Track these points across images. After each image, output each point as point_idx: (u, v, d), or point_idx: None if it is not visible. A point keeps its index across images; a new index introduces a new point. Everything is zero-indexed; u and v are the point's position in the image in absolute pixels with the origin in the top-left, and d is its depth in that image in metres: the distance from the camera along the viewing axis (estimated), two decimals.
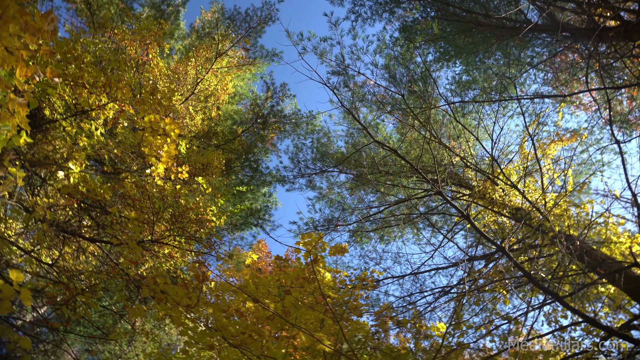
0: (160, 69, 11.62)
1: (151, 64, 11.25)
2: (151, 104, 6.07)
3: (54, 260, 6.83)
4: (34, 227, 5.70)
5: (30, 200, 5.28)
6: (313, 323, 6.54)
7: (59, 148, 5.20)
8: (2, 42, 2.94)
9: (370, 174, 10.05)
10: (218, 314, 5.62)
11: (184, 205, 6.57)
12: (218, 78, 12.61)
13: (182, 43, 14.40)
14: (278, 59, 13.21)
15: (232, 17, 12.81)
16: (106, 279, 6.79)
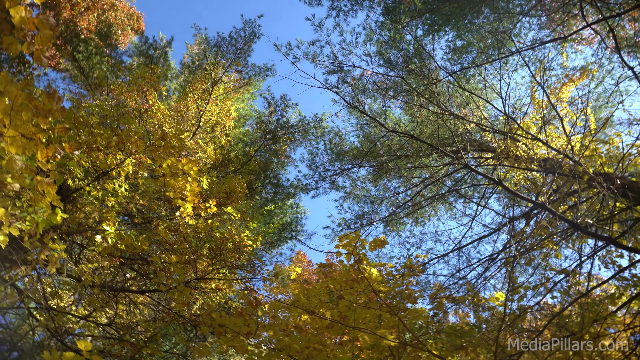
0: (162, 112, 11.82)
1: (153, 109, 11.46)
2: (164, 149, 6.18)
3: (110, 320, 7.01)
4: (85, 292, 5.88)
5: (76, 269, 5.45)
6: (371, 321, 6.55)
7: (90, 213, 5.36)
8: (19, 131, 3.06)
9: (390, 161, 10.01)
10: (278, 334, 5.69)
11: (219, 238, 6.68)
12: (219, 106, 12.76)
13: (176, 81, 14.63)
14: (272, 72, 13.30)
15: (218, 44, 12.96)
16: (163, 326, 6.93)
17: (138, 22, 18.09)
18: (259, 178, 12.96)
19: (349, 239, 6.90)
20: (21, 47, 2.98)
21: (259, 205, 12.86)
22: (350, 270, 7.19)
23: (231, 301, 7.40)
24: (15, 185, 3.29)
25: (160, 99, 12.74)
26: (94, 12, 15.41)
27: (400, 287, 7.08)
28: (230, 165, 12.86)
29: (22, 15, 2.87)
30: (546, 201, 4.13)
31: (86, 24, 14.83)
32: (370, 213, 12.43)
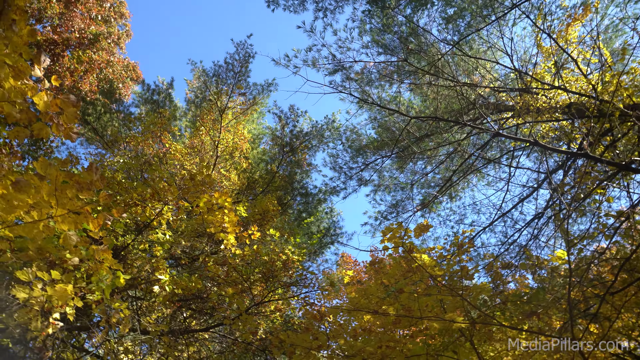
0: (180, 151, 12.02)
1: (171, 151, 11.67)
2: (195, 188, 6.30)
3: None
4: (155, 343, 6.03)
5: (143, 322, 5.60)
6: (434, 306, 6.50)
7: (142, 266, 5.50)
8: (66, 208, 3.17)
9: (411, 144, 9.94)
10: (349, 340, 5.72)
11: (268, 261, 6.75)
12: (232, 132, 12.90)
13: (185, 119, 14.87)
14: (274, 87, 13.39)
15: (217, 73, 13.13)
16: (233, 357, 7.03)
17: (135, 72, 18.47)
18: (287, 192, 13.05)
19: (392, 231, 6.88)
20: (50, 129, 3.10)
21: (293, 218, 12.94)
22: (401, 261, 7.17)
23: (292, 318, 7.47)
24: (74, 260, 3.41)
25: (174, 140, 12.98)
26: (92, 73, 15.81)
27: (454, 267, 7.02)
28: (256, 186, 12.98)
29: (45, 100, 2.98)
30: (587, 148, 4.03)
31: (88, 86, 15.23)
32: (403, 200, 12.37)
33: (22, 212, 3.31)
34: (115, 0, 17.85)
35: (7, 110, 3.14)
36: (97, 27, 16.48)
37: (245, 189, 12.93)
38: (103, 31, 16.81)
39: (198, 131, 13.05)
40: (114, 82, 16.54)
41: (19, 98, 3.06)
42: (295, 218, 13.00)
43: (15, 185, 3.06)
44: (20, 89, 3.00)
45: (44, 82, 2.96)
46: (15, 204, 3.24)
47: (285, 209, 12.41)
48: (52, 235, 3.39)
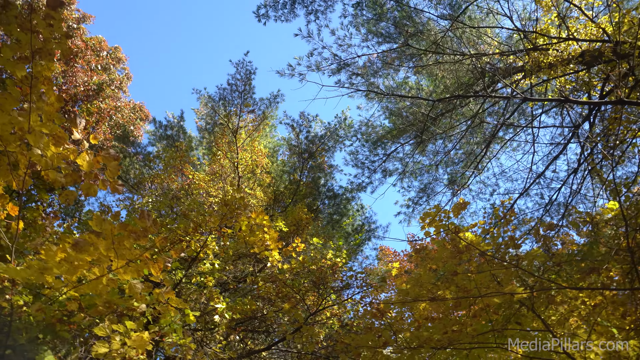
0: (202, 179, 12.18)
1: (194, 181, 11.84)
2: (231, 213, 6.38)
3: None
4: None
5: (210, 352, 5.70)
6: (490, 281, 6.44)
7: (197, 299, 5.60)
8: (126, 258, 3.26)
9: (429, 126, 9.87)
10: (413, 332, 5.71)
11: (316, 269, 6.80)
12: (249, 150, 13.03)
13: (201, 147, 15.07)
14: (281, 98, 13.46)
15: (222, 96, 13.27)
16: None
17: (142, 111, 18.82)
18: (314, 198, 13.10)
19: (431, 215, 6.87)
20: (97, 186, 3.19)
21: (325, 222, 12.98)
22: (446, 244, 7.12)
23: (350, 321, 7.49)
24: (142, 307, 3.50)
25: (195, 169, 13.16)
26: (103, 122, 16.17)
27: (499, 239, 6.94)
28: (283, 198, 13.07)
29: (88, 160, 3.07)
30: (620, 94, 3.95)
31: (102, 135, 15.58)
32: (430, 183, 12.30)
33: (84, 270, 3.42)
34: (110, 48, 18.22)
35: (52, 177, 3.25)
36: (98, 76, 16.85)
37: (273, 203, 13.03)
38: (105, 79, 17.18)
39: (216, 156, 13.21)
40: (125, 126, 16.87)
41: (62, 163, 3.17)
42: (327, 222, 13.04)
43: (75, 246, 3.16)
44: (62, 154, 3.10)
45: (84, 144, 3.06)
46: (76, 264, 3.35)
47: (316, 215, 12.46)
48: (117, 286, 3.49)
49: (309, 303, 7.14)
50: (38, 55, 2.99)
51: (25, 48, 2.98)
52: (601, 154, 5.48)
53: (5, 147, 3.22)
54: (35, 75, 3.06)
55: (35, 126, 3.12)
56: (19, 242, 4.38)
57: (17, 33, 2.91)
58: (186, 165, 11.74)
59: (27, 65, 3.04)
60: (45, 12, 2.87)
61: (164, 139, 14.60)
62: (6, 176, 3.42)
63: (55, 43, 3.00)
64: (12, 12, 2.83)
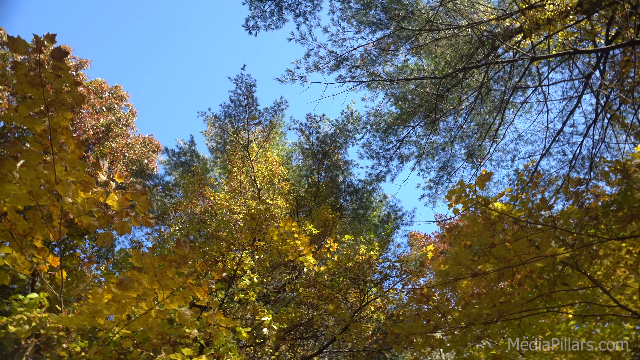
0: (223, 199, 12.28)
1: (216, 201, 11.95)
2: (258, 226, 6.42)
3: None
4: None
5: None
6: (528, 247, 6.35)
7: (243, 315, 5.67)
8: (171, 288, 3.31)
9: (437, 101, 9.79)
10: (461, 312, 5.67)
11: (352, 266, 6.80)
12: (263, 162, 13.10)
13: (217, 167, 15.22)
14: (285, 104, 13.51)
15: (227, 114, 13.38)
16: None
17: (153, 143, 19.09)
18: (336, 196, 13.11)
19: (456, 192, 6.83)
20: (130, 223, 3.25)
21: (351, 218, 12.97)
22: (476, 218, 7.05)
23: (395, 310, 7.47)
24: (194, 332, 3.55)
25: (214, 190, 13.30)
26: (117, 161, 16.45)
27: (530, 203, 6.84)
28: (305, 202, 13.11)
29: (117, 199, 3.14)
30: (631, 36, 3.86)
31: (118, 174, 15.86)
32: (448, 160, 12.19)
33: (132, 306, 3.49)
34: (111, 88, 18.54)
35: (86, 222, 3.32)
36: (104, 118, 17.17)
37: (296, 208, 13.07)
38: (111, 119, 17.49)
39: (232, 174, 13.32)
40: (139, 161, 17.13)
41: (93, 207, 3.24)
42: (353, 217, 13.03)
43: (121, 285, 3.23)
44: (92, 198, 3.17)
45: (110, 184, 3.12)
46: (124, 302, 3.41)
47: (341, 213, 12.46)
48: (166, 317, 3.55)
49: (352, 300, 7.15)
50: (52, 107, 3.07)
51: (39, 103, 3.06)
52: (619, 99, 5.36)
53: (37, 201, 3.30)
54: (53, 127, 3.14)
55: (61, 176, 3.20)
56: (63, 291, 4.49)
57: (30, 90, 2.99)
58: (205, 188, 11.87)
59: (44, 118, 3.11)
60: (53, 65, 2.94)
61: (179, 166, 14.78)
62: (42, 229, 3.51)
63: (66, 93, 3.07)
64: (22, 71, 2.91)
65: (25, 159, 3.17)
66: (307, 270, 6.68)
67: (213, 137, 14.95)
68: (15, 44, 2.85)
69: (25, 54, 3.01)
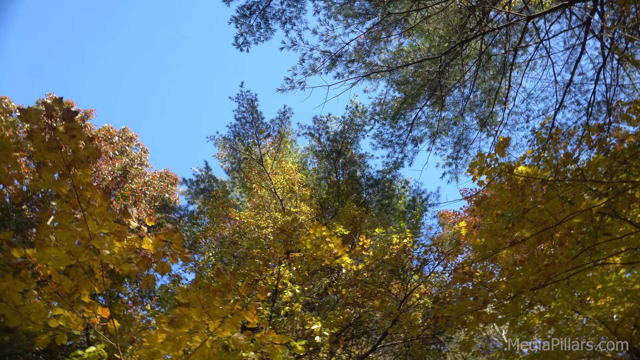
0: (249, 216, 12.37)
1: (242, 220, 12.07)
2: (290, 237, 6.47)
3: None
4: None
5: None
6: (562, 204, 6.25)
7: (293, 327, 5.72)
8: (220, 316, 3.36)
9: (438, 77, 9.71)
10: (508, 282, 5.61)
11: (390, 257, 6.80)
12: (280, 173, 13.18)
13: (236, 187, 15.38)
14: (290, 112, 13.58)
15: (236, 133, 13.51)
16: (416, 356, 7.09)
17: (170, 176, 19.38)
18: (358, 192, 13.10)
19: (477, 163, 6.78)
20: (168, 262, 3.32)
21: (377, 209, 12.95)
22: (503, 186, 6.97)
23: (440, 294, 7.43)
24: (250, 355, 3.60)
25: (239, 209, 13.43)
26: (140, 201, 16.76)
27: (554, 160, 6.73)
28: (329, 204, 13.13)
29: (152, 242, 3.21)
30: None
31: (144, 214, 16.14)
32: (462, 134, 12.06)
33: (186, 342, 3.56)
34: (119, 131, 18.90)
35: (126, 269, 3.40)
36: (119, 162, 17.51)
37: (321, 211, 13.11)
38: (126, 162, 17.82)
39: (252, 190, 13.44)
40: (160, 196, 17.43)
41: (130, 254, 3.32)
42: (379, 209, 13.00)
43: (172, 323, 3.29)
44: (128, 245, 3.25)
45: (142, 229, 3.19)
46: (178, 339, 3.49)
47: (366, 207, 12.45)
48: (220, 345, 3.61)
49: (395, 292, 7.14)
50: (73, 166, 3.15)
51: (59, 165, 3.15)
52: (624, 39, 5.22)
53: (76, 259, 3.40)
54: (77, 185, 3.23)
55: (94, 231, 3.29)
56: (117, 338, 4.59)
57: (49, 155, 3.08)
58: (229, 210, 12.00)
59: (67, 179, 3.20)
60: (65, 126, 3.03)
61: (200, 193, 14.98)
62: (87, 284, 3.61)
63: (83, 150, 3.16)
64: (38, 139, 3.01)
65: (58, 221, 3.27)
66: (345, 271, 6.70)
67: (226, 158, 15.11)
68: (26, 114, 2.95)
69: (36, 122, 3.10)
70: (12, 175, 3.14)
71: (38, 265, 3.75)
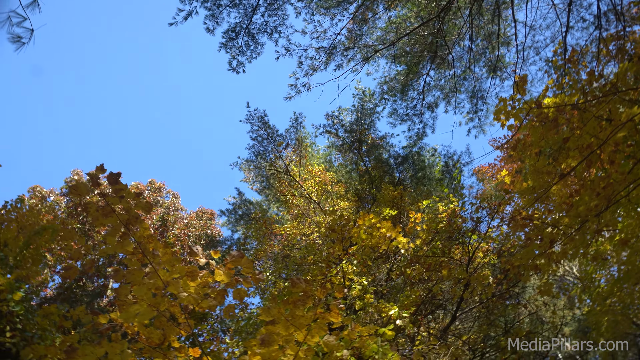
0: (292, 227, 12.48)
1: (288, 233, 12.20)
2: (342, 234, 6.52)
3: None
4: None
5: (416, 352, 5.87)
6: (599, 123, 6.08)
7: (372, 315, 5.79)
8: (304, 325, 3.44)
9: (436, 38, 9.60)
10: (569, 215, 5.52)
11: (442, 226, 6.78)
12: (309, 177, 13.28)
13: (272, 204, 15.59)
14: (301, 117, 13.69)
15: (257, 152, 13.70)
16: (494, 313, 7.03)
17: (206, 213, 19.79)
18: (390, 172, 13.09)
19: (501, 108, 6.74)
20: (244, 286, 3.42)
21: (414, 183, 12.89)
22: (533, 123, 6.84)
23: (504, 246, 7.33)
24: (344, 353, 3.67)
25: (281, 224, 13.60)
26: (185, 243, 17.18)
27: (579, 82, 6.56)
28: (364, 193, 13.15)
29: (223, 272, 3.32)
30: None
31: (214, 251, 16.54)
32: (474, 85, 11.87)
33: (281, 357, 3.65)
34: (147, 185, 19.39)
35: (205, 305, 3.52)
36: (156, 213, 17.98)
37: (360, 202, 13.13)
38: (162, 211, 18.27)
39: (287, 202, 13.59)
40: (203, 234, 17.84)
41: (207, 290, 3.44)
42: (415, 183, 12.94)
43: (263, 343, 3.39)
44: (202, 282, 3.37)
45: (211, 263, 3.30)
46: (273, 356, 3.58)
47: (403, 185, 12.41)
48: (313, 352, 3.68)
49: (458, 257, 7.10)
50: (131, 225, 3.29)
51: (118, 227, 3.30)
52: None
53: (157, 309, 3.54)
54: (139, 240, 3.37)
55: (167, 278, 3.42)
56: None
57: (106, 221, 3.23)
58: (273, 227, 12.18)
59: (130, 238, 3.35)
60: (113, 189, 3.17)
61: (240, 219, 15.24)
62: (173, 330, 3.75)
63: (135, 207, 3.30)
64: (93, 209, 3.15)
65: (131, 279, 3.42)
66: (403, 251, 6.70)
67: (254, 179, 15.32)
68: (77, 189, 3.10)
69: (87, 194, 3.25)
70: (80, 250, 3.31)
71: (125, 325, 3.93)
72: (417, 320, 6.36)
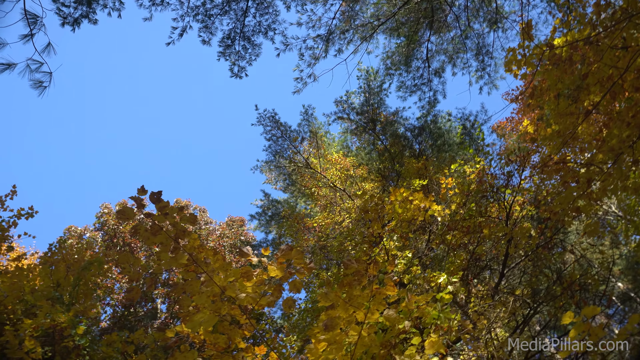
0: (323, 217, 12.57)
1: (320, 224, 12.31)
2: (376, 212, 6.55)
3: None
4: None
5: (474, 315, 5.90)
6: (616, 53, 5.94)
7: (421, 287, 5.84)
8: (362, 303, 3.51)
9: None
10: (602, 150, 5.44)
11: (474, 187, 6.75)
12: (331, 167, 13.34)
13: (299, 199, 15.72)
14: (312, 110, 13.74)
15: (274, 152, 13.82)
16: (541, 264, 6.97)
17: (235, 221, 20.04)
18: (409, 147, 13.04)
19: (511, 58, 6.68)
20: (298, 277, 3.50)
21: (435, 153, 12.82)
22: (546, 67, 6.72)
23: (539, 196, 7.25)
24: (406, 324, 3.72)
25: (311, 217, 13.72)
26: (223, 253, 17.44)
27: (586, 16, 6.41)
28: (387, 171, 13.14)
29: (275, 266, 3.40)
30: None
31: (264, 249, 16.80)
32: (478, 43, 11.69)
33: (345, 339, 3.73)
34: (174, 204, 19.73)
35: (265, 302, 3.62)
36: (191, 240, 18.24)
37: (385, 181, 13.14)
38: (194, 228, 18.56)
39: (313, 195, 13.69)
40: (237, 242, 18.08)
41: (263, 287, 3.53)
42: (436, 152, 12.86)
43: (327, 328, 3.47)
44: (257, 280, 3.46)
45: (263, 260, 3.39)
46: (338, 340, 3.66)
47: (425, 156, 12.35)
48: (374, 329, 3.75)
49: (496, 215, 7.06)
50: (180, 238, 3.40)
51: (169, 243, 3.41)
52: None
53: (219, 314, 3.66)
54: (190, 252, 3.48)
55: (222, 283, 3.53)
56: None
57: (156, 239, 3.34)
58: (304, 221, 12.30)
59: (181, 252, 3.46)
60: (158, 207, 3.27)
61: (271, 220, 15.44)
62: (237, 332, 3.87)
63: (181, 220, 3.40)
64: (142, 229, 3.27)
65: (189, 291, 3.53)
66: (440, 219, 6.71)
67: (277, 179, 15.45)
68: (124, 214, 3.22)
69: (133, 217, 3.37)
70: (137, 271, 3.44)
71: (191, 336, 4.07)
72: (467, 284, 6.37)
